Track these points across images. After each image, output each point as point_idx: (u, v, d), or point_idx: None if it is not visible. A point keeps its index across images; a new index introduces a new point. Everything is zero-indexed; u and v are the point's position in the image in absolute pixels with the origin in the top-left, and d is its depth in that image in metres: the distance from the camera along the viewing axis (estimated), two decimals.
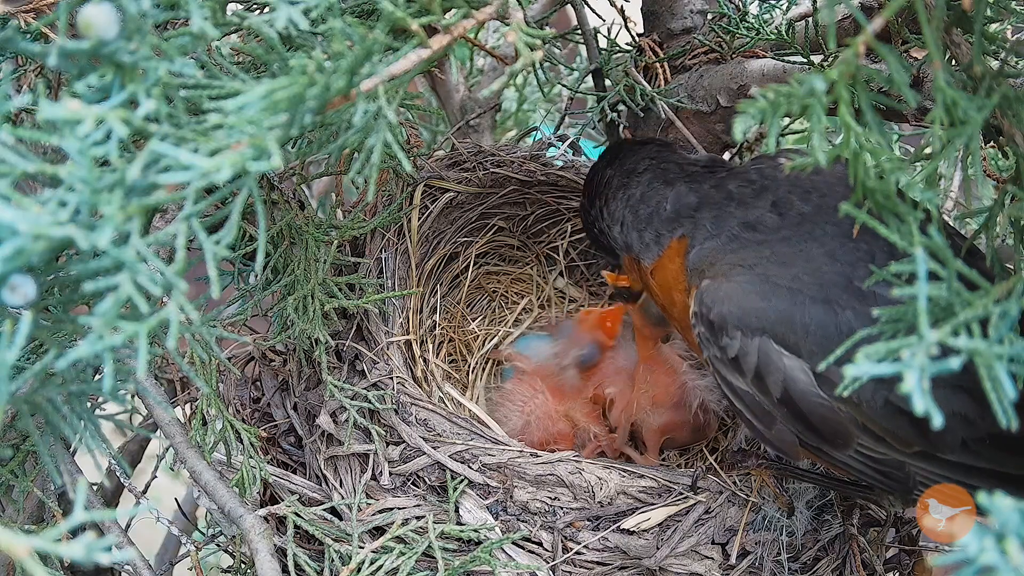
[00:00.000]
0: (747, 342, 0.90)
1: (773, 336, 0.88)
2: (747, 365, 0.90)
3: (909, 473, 0.89)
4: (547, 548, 1.02)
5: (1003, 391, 0.59)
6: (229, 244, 0.58)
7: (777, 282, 0.90)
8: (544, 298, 1.45)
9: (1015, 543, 0.48)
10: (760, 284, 0.91)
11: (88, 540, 0.48)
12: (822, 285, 0.89)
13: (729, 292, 0.92)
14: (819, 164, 0.62)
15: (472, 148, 1.32)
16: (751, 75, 1.23)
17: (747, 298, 0.91)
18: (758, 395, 0.90)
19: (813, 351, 0.87)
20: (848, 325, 0.86)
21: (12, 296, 0.53)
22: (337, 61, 0.61)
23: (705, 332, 0.93)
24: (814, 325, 0.87)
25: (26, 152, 0.56)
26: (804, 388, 0.87)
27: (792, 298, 0.89)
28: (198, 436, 1.02)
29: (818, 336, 0.87)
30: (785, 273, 0.91)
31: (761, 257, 0.93)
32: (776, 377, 0.88)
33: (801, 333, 0.87)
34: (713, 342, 0.93)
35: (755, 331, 0.89)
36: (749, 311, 0.90)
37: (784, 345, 0.88)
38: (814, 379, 0.87)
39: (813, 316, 0.88)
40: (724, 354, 0.92)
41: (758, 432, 0.93)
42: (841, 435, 0.88)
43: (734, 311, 0.91)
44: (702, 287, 0.95)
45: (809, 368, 0.87)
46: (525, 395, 1.27)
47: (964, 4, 0.67)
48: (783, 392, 0.88)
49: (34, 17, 0.83)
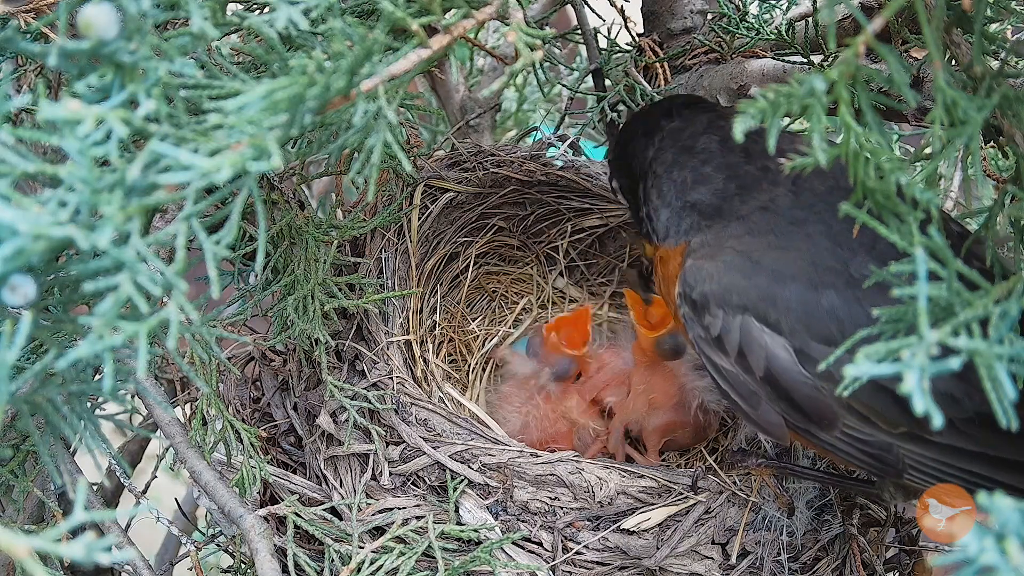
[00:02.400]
0: (729, 320, 0.89)
1: (755, 313, 0.88)
2: (730, 344, 0.90)
3: (899, 456, 0.88)
4: (547, 548, 1.02)
5: (1003, 391, 0.59)
6: (229, 244, 0.58)
7: (760, 260, 0.90)
8: (544, 298, 1.45)
9: (1015, 543, 0.48)
10: (743, 262, 0.91)
11: (88, 540, 0.48)
12: (813, 265, 0.88)
13: (711, 271, 0.92)
14: (819, 164, 0.62)
15: (472, 148, 1.32)
16: (751, 75, 1.23)
17: (728, 276, 0.90)
18: (742, 374, 0.90)
19: (795, 328, 0.86)
20: (829, 303, 0.86)
21: (12, 296, 0.53)
22: (337, 61, 0.61)
23: (689, 312, 0.93)
24: (794, 302, 0.87)
25: (26, 152, 0.56)
26: (786, 365, 0.87)
27: (773, 276, 0.89)
28: (198, 436, 1.02)
29: (799, 313, 0.87)
30: (772, 252, 0.91)
31: (754, 236, 0.93)
32: (759, 354, 0.88)
33: (782, 309, 0.87)
34: (697, 321, 0.93)
35: (736, 308, 0.89)
36: (730, 288, 0.90)
37: (765, 322, 0.88)
38: (795, 356, 0.87)
39: (793, 293, 0.87)
40: (708, 333, 0.92)
41: (745, 414, 0.93)
42: (826, 415, 0.88)
43: (715, 289, 0.91)
44: (686, 267, 0.95)
45: (790, 345, 0.87)
46: (522, 396, 1.27)
47: (964, 4, 0.67)
48: (766, 370, 0.88)
49: (34, 17, 0.83)
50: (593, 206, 1.38)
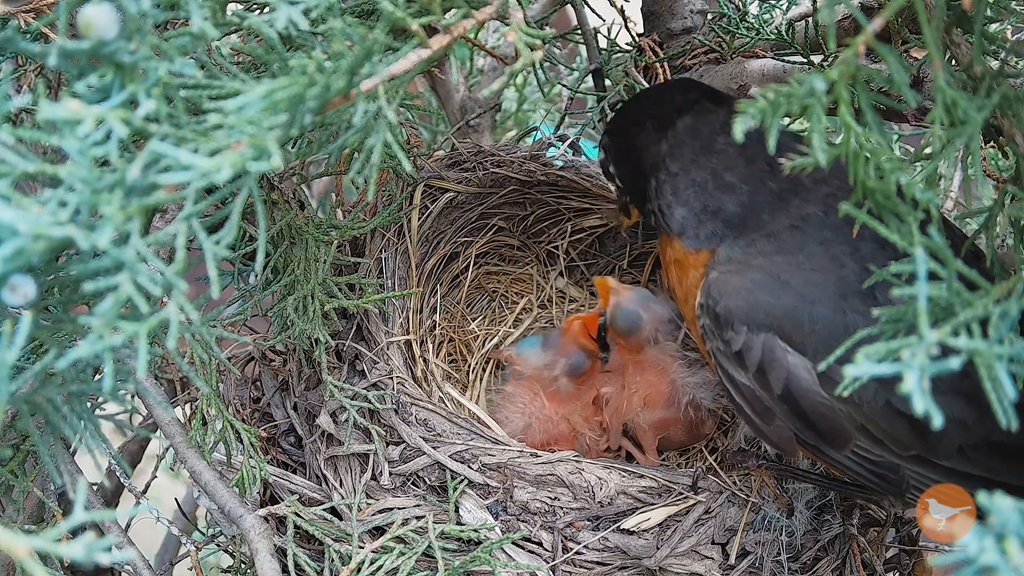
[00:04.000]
0: (752, 337, 0.90)
1: (779, 333, 0.88)
2: (750, 360, 0.90)
3: (903, 476, 0.89)
4: (547, 548, 1.02)
5: (1003, 391, 0.59)
6: (229, 244, 0.58)
7: (788, 280, 0.90)
8: (544, 298, 1.45)
9: (1015, 543, 0.48)
10: (772, 282, 0.91)
11: (88, 540, 0.48)
12: (837, 284, 0.88)
13: (737, 287, 0.92)
14: (819, 164, 0.62)
15: (472, 148, 1.32)
16: (751, 75, 1.23)
17: (756, 294, 0.91)
18: (759, 390, 0.91)
19: (818, 350, 0.87)
20: (855, 326, 0.84)
21: (12, 296, 0.53)
22: (337, 61, 0.61)
23: (710, 324, 0.93)
24: (821, 324, 0.87)
25: (26, 152, 0.56)
26: (807, 386, 0.87)
27: (801, 297, 0.89)
28: (198, 436, 1.02)
29: (824, 335, 0.87)
30: (798, 272, 0.90)
31: (784, 255, 0.91)
32: (779, 373, 0.88)
33: (808, 331, 0.88)
34: (717, 335, 0.93)
35: (761, 327, 0.89)
36: (757, 307, 0.90)
37: (789, 342, 0.88)
38: (817, 378, 0.87)
39: (821, 315, 0.87)
40: (728, 347, 0.92)
41: (756, 427, 0.93)
42: (839, 435, 0.88)
43: (741, 306, 0.91)
44: (710, 279, 0.94)
45: (813, 366, 0.87)
46: (526, 397, 1.27)
47: (964, 4, 0.67)
48: (784, 388, 0.88)
49: (34, 17, 0.83)
50: (593, 206, 1.38)
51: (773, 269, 0.92)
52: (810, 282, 0.90)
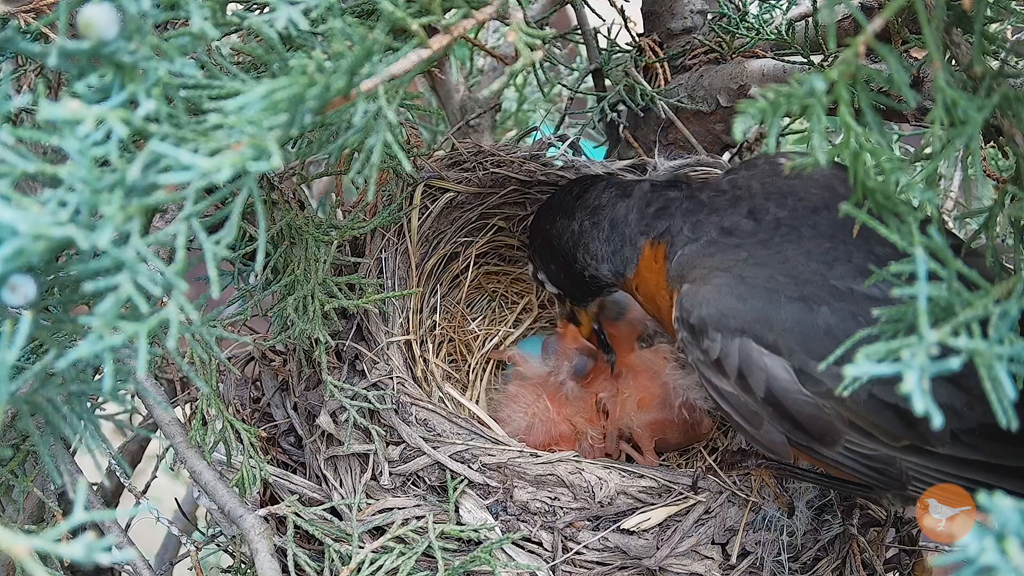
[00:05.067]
0: (727, 343, 0.90)
1: (752, 335, 0.89)
2: (729, 366, 0.91)
3: (902, 468, 0.89)
4: (547, 548, 1.02)
5: (1003, 391, 0.59)
6: (229, 244, 0.58)
7: (753, 282, 0.92)
8: (544, 298, 1.45)
9: (1015, 543, 0.48)
10: (736, 285, 0.92)
11: (88, 540, 0.48)
12: (798, 283, 0.90)
13: (707, 295, 0.93)
14: (819, 164, 0.62)
15: (472, 148, 1.32)
16: (751, 75, 1.23)
17: (724, 299, 0.92)
18: (743, 395, 0.91)
19: (792, 348, 0.87)
20: (825, 321, 0.87)
21: (12, 296, 0.53)
22: (337, 61, 0.61)
23: (688, 336, 0.94)
24: (791, 322, 0.88)
25: (26, 152, 0.56)
26: (786, 386, 0.88)
27: (768, 297, 0.90)
28: (198, 436, 1.02)
29: (796, 333, 0.88)
30: (761, 273, 0.92)
31: (738, 260, 0.95)
32: (759, 376, 0.89)
33: (779, 331, 0.88)
34: (696, 345, 0.93)
35: (734, 331, 0.90)
36: (727, 312, 0.91)
37: (763, 344, 0.89)
38: (795, 376, 0.87)
39: (789, 314, 0.88)
40: (707, 356, 0.93)
41: (747, 434, 0.94)
42: (829, 432, 0.88)
43: (712, 313, 0.92)
44: (682, 292, 0.96)
45: (790, 365, 0.88)
46: (530, 397, 1.27)
47: (964, 4, 0.67)
48: (766, 391, 0.89)
49: (34, 17, 0.83)
50: None
51: (735, 268, 0.95)
52: (763, 275, 0.92)
